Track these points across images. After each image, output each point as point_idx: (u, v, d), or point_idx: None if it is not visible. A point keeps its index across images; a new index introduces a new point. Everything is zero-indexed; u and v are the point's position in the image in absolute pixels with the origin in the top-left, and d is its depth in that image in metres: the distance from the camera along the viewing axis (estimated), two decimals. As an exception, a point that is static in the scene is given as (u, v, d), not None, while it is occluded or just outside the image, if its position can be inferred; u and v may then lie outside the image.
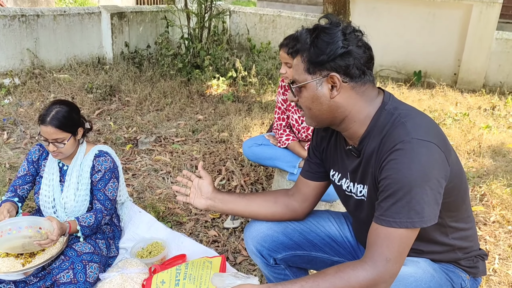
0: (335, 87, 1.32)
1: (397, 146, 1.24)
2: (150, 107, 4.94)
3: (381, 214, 1.26)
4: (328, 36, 1.30)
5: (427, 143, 1.23)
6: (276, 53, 7.00)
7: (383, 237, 1.24)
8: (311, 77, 1.34)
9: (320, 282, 1.25)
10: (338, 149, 1.52)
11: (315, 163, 1.65)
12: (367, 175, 1.38)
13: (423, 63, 6.50)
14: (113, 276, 2.13)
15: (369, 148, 1.35)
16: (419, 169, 1.21)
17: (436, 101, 5.48)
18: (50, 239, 2.05)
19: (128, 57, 6.42)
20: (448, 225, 1.39)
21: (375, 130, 1.34)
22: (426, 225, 1.24)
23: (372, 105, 1.36)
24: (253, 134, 4.22)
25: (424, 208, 1.22)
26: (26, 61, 5.65)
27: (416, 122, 1.29)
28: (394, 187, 1.23)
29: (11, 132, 4.19)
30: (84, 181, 2.32)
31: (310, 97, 1.36)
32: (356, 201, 1.47)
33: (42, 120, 2.18)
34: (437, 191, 1.24)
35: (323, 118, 1.39)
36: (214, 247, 2.62)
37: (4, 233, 2.03)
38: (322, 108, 1.36)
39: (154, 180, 3.38)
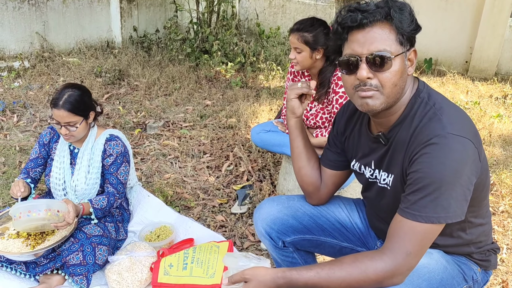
0: (411, 63, 1.29)
1: (432, 140, 1.21)
2: (159, 91, 4.94)
3: (407, 207, 1.24)
4: (410, 9, 1.25)
5: (463, 139, 1.20)
6: (285, 39, 6.94)
7: (407, 230, 1.22)
8: (402, 48, 1.25)
9: (336, 270, 1.24)
10: (362, 136, 1.49)
11: (334, 152, 1.63)
12: (394, 164, 1.35)
13: (434, 50, 6.41)
14: (122, 259, 2.15)
15: (399, 137, 1.32)
16: (452, 166, 1.18)
17: (446, 89, 5.42)
18: (66, 222, 2.08)
19: (137, 41, 6.40)
20: (468, 220, 1.37)
21: (408, 118, 1.31)
22: (452, 221, 1.22)
23: (410, 91, 1.33)
24: (261, 120, 4.21)
25: (451, 204, 1.20)
26: (36, 44, 5.65)
27: (451, 116, 1.25)
28: (424, 182, 1.20)
29: (21, 115, 4.21)
30: (95, 164, 2.34)
31: (399, 71, 1.25)
32: (378, 188, 1.45)
33: (54, 104, 2.19)
34: (467, 188, 1.22)
35: (398, 96, 1.30)
36: (222, 232, 2.64)
37: (23, 215, 2.06)
38: (403, 85, 1.28)
39: (162, 165, 3.39)
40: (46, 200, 2.15)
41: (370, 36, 1.24)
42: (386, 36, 1.23)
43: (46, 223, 2.08)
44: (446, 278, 1.35)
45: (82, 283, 2.11)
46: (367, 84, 1.26)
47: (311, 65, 2.42)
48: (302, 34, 2.34)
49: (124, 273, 2.09)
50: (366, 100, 1.28)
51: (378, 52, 1.22)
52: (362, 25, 1.24)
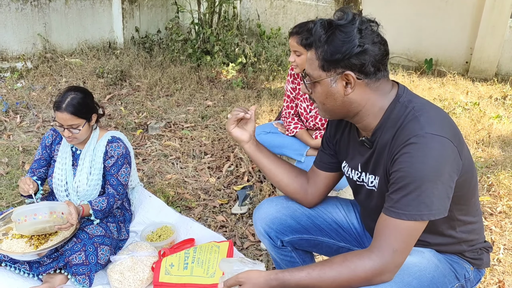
0: (350, 85, 1.33)
1: (411, 140, 1.26)
2: (160, 92, 4.98)
3: (391, 205, 1.28)
4: (344, 35, 1.29)
5: (441, 138, 1.25)
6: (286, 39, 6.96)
7: (391, 228, 1.27)
8: (326, 74, 1.34)
9: (327, 270, 1.28)
10: (351, 140, 1.54)
11: (328, 154, 1.67)
12: (379, 166, 1.40)
13: (434, 51, 6.43)
14: (124, 259, 2.19)
15: (382, 140, 1.37)
16: (432, 164, 1.23)
17: (446, 90, 5.44)
18: (69, 223, 2.12)
19: (139, 42, 6.44)
20: (456, 218, 1.41)
21: (389, 122, 1.36)
22: (435, 218, 1.26)
23: (386, 98, 1.38)
24: (262, 121, 4.24)
25: (434, 201, 1.24)
26: (38, 45, 5.69)
27: (430, 116, 1.30)
28: (405, 180, 1.25)
29: (24, 116, 4.25)
30: (97, 165, 2.38)
31: (324, 93, 1.37)
32: (366, 191, 1.50)
33: (57, 107, 2.23)
34: (448, 185, 1.26)
35: (337, 112, 1.41)
36: (222, 232, 2.67)
37: (29, 218, 2.10)
38: (336, 104, 1.38)
39: (164, 165, 3.43)
40: (48, 203, 2.19)
41: (308, 58, 1.40)
42: (312, 61, 1.37)
43: (50, 226, 2.12)
44: (437, 277, 1.38)
45: (84, 283, 2.15)
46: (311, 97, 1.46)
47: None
48: (301, 37, 2.37)
49: (126, 272, 2.13)
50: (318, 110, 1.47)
51: (304, 73, 1.41)
52: (309, 45, 1.39)
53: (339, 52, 1.29)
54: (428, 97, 5.12)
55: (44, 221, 2.11)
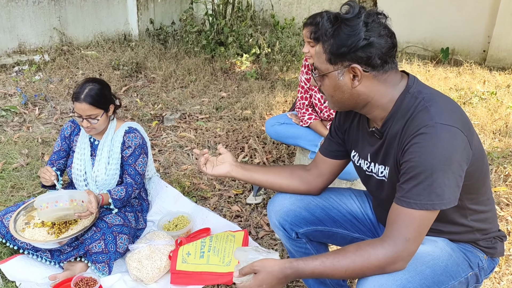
0: (356, 77, 1.35)
1: (421, 130, 1.27)
2: (175, 84, 5.02)
3: (402, 195, 1.29)
4: (349, 28, 1.30)
5: (451, 128, 1.26)
6: (300, 30, 6.94)
7: (403, 217, 1.28)
8: (333, 67, 1.36)
9: (341, 259, 1.30)
10: (360, 130, 1.56)
11: (336, 142, 1.68)
12: (389, 157, 1.41)
13: (451, 39, 6.34)
14: (142, 247, 2.24)
15: (392, 131, 1.38)
16: (442, 153, 1.23)
17: (463, 79, 5.38)
18: (89, 212, 2.18)
19: (153, 33, 6.48)
20: (467, 207, 1.41)
21: (399, 113, 1.37)
22: (446, 207, 1.27)
23: (396, 89, 1.38)
24: (275, 112, 4.26)
25: (445, 191, 1.25)
26: (55, 38, 5.77)
27: (440, 106, 1.31)
28: (416, 170, 1.26)
29: (42, 108, 4.34)
30: (115, 156, 2.43)
31: (332, 86, 1.40)
32: (377, 181, 1.51)
33: (76, 97, 2.28)
34: (458, 174, 1.27)
35: (345, 104, 1.43)
36: (237, 221, 2.71)
37: (50, 205, 2.16)
38: (344, 96, 1.40)
39: (179, 156, 3.48)
40: (69, 191, 2.25)
41: (316, 51, 1.42)
42: (321, 54, 1.39)
43: (70, 213, 2.18)
44: (450, 265, 1.39)
45: (104, 270, 2.21)
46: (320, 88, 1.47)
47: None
48: (315, 28, 2.37)
49: (144, 260, 2.18)
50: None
51: (313, 66, 1.43)
52: (317, 39, 1.43)
53: (344, 45, 1.31)
54: (444, 86, 5.07)
55: (65, 208, 2.16)
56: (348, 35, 1.31)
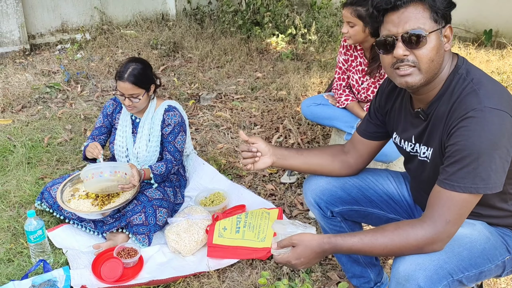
0: (448, 39, 1.34)
1: (469, 113, 1.26)
2: (211, 64, 5.07)
3: (445, 178, 1.29)
4: None
5: (499, 112, 1.24)
6: (337, 10, 6.82)
7: (446, 199, 1.28)
8: (436, 26, 1.32)
9: (379, 237, 1.32)
10: (403, 111, 1.55)
11: (374, 124, 1.68)
12: (433, 138, 1.40)
13: (495, 21, 6.09)
14: (180, 221, 2.33)
15: (438, 112, 1.37)
16: (489, 138, 1.23)
17: (506, 63, 5.19)
18: (132, 184, 2.27)
19: (190, 13, 6.52)
20: (508, 192, 1.40)
21: (446, 94, 1.36)
22: (491, 192, 1.27)
23: (448, 67, 1.38)
24: (311, 93, 4.25)
25: (491, 175, 1.24)
26: (96, 17, 5.91)
27: (488, 90, 1.29)
28: (462, 154, 1.25)
29: (84, 85, 4.48)
30: (155, 133, 2.51)
31: (435, 47, 1.31)
32: (418, 162, 1.51)
33: (120, 77, 2.36)
34: (506, 159, 1.26)
35: (435, 72, 1.36)
36: (271, 200, 2.76)
37: (96, 176, 2.27)
38: (440, 60, 1.35)
39: (215, 135, 3.55)
40: (113, 163, 2.35)
41: (404, 16, 1.30)
42: (420, 15, 1.29)
43: (114, 184, 2.28)
44: (488, 249, 1.39)
45: (144, 241, 2.31)
46: (404, 60, 1.32)
47: (364, 39, 2.44)
48: (355, 8, 2.36)
49: (182, 233, 2.26)
50: (405, 78, 1.35)
51: (413, 30, 1.29)
52: (396, 7, 1.31)
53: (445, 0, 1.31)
54: (485, 70, 4.90)
55: (109, 180, 2.26)
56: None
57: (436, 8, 1.30)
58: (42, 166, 3.06)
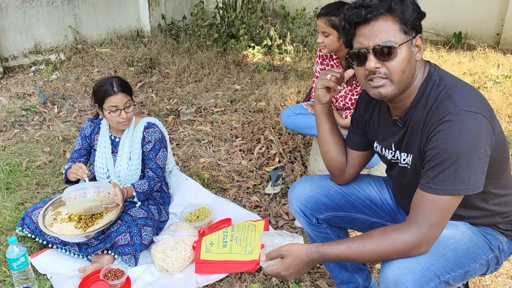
0: (419, 49, 1.38)
1: (446, 117, 1.29)
2: (189, 78, 5.07)
3: (427, 181, 1.32)
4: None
5: (475, 114, 1.28)
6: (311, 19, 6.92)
7: (428, 203, 1.31)
8: (406, 37, 1.34)
9: (366, 244, 1.34)
10: (381, 120, 1.58)
11: (358, 134, 1.72)
12: (412, 145, 1.44)
13: (463, 24, 6.27)
14: (166, 239, 2.31)
15: (415, 119, 1.41)
16: (467, 140, 1.26)
17: (476, 64, 5.33)
18: (115, 203, 2.24)
19: (165, 29, 6.53)
20: (489, 191, 1.44)
21: (422, 101, 1.39)
22: (472, 193, 1.29)
23: (421, 75, 1.42)
24: (289, 102, 4.29)
25: (471, 176, 1.27)
26: (70, 37, 5.86)
27: (462, 94, 1.33)
28: (442, 157, 1.28)
29: (61, 106, 4.43)
30: (136, 151, 2.50)
31: (406, 58, 1.34)
32: (399, 168, 1.54)
33: (109, 93, 2.35)
34: (484, 160, 1.29)
35: (408, 82, 1.39)
36: (257, 211, 2.76)
37: (79, 197, 2.23)
38: (411, 70, 1.37)
39: (197, 149, 3.54)
40: (96, 183, 2.32)
41: (375, 29, 1.34)
42: (390, 27, 1.32)
43: (97, 205, 2.25)
44: (472, 248, 1.42)
45: (130, 262, 2.28)
46: (376, 73, 1.36)
47: (339, 48, 2.48)
48: (329, 18, 2.40)
49: (168, 251, 2.24)
50: (378, 89, 1.38)
51: (384, 43, 1.32)
52: (367, 20, 1.34)
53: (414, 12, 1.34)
54: (457, 71, 5.04)
55: (92, 200, 2.23)
56: (412, 3, 1.33)
57: (406, 20, 1.33)
58: (22, 191, 3.00)
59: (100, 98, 2.38)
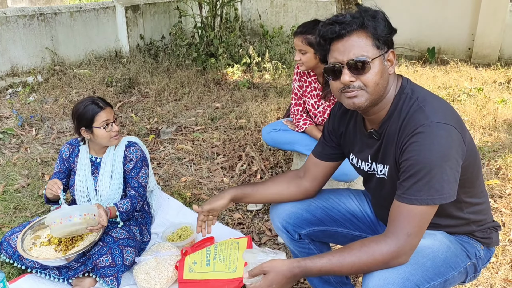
0: (391, 63, 1.43)
1: (418, 129, 1.34)
2: (169, 97, 5.08)
3: (402, 192, 1.36)
4: (382, 14, 1.40)
5: (446, 126, 1.33)
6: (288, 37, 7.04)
7: (405, 213, 1.34)
8: (379, 52, 1.39)
9: (347, 256, 1.36)
10: (357, 133, 1.62)
11: (330, 146, 1.75)
12: (388, 156, 1.48)
13: (436, 39, 6.48)
14: (148, 259, 2.28)
15: (389, 131, 1.45)
16: (439, 150, 1.30)
17: (450, 78, 5.49)
18: (101, 225, 2.22)
19: (144, 49, 6.55)
20: (463, 200, 1.48)
21: (395, 113, 1.44)
22: (446, 202, 1.33)
23: (394, 88, 1.47)
24: (270, 119, 4.33)
25: (444, 186, 1.31)
26: (47, 58, 5.82)
27: (433, 106, 1.38)
28: (415, 168, 1.32)
29: (39, 128, 4.37)
30: (118, 170, 2.49)
31: (380, 72, 1.39)
32: (377, 180, 1.57)
33: (96, 110, 2.37)
34: (456, 169, 1.34)
35: (381, 95, 1.43)
36: (240, 228, 2.76)
37: (65, 220, 2.19)
38: (385, 83, 1.42)
39: (178, 168, 3.53)
40: (80, 206, 2.30)
41: (348, 45, 1.39)
42: (363, 42, 1.38)
43: (82, 227, 2.22)
44: (450, 257, 1.46)
45: (112, 284, 2.25)
46: (350, 86, 1.41)
47: (316, 65, 2.54)
48: (305, 36, 2.46)
49: (151, 272, 2.22)
50: (352, 99, 1.43)
51: (357, 57, 1.37)
52: (341, 36, 1.39)
53: (386, 28, 1.39)
54: (432, 85, 5.17)
55: (78, 223, 2.20)
56: (384, 19, 1.39)
57: (378, 36, 1.38)
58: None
59: (89, 118, 2.37)
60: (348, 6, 3.78)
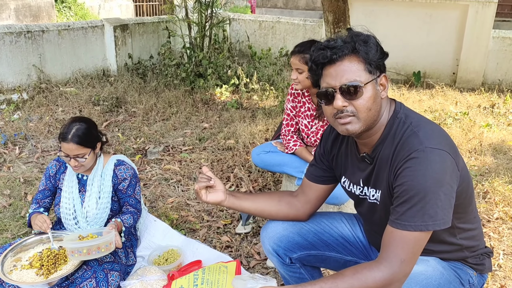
0: (384, 87, 1.43)
1: (412, 154, 1.33)
2: (157, 117, 5.04)
3: (396, 218, 1.34)
4: (374, 39, 1.40)
5: (440, 151, 1.32)
6: (276, 59, 7.11)
7: (398, 239, 1.33)
8: (371, 76, 1.39)
9: (339, 283, 1.33)
10: (349, 156, 1.61)
11: (321, 168, 1.73)
12: (380, 181, 1.46)
13: (422, 63, 6.60)
14: (134, 284, 2.22)
15: (382, 155, 1.44)
16: (433, 176, 1.30)
17: (436, 101, 5.58)
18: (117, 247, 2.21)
19: (132, 68, 6.53)
20: (456, 226, 1.47)
21: (389, 138, 1.43)
22: (440, 228, 1.32)
23: (387, 112, 1.47)
24: (258, 140, 4.31)
25: (438, 212, 1.30)
26: (33, 76, 5.76)
27: (427, 131, 1.38)
28: (409, 193, 1.31)
29: (22, 147, 4.29)
30: (106, 189, 2.44)
31: (372, 96, 1.39)
32: (369, 204, 1.56)
33: (63, 138, 2.29)
34: (450, 195, 1.33)
35: (374, 119, 1.43)
36: (228, 252, 2.71)
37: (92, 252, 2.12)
38: (377, 108, 1.42)
39: (165, 189, 3.48)
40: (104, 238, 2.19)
41: (340, 70, 1.39)
42: (355, 67, 1.38)
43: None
44: (443, 284, 1.44)
45: (96, 309, 2.17)
46: (344, 111, 1.40)
47: (311, 85, 2.55)
48: (303, 55, 2.48)
49: (137, 297, 2.15)
50: (345, 126, 1.42)
51: (350, 82, 1.37)
52: (333, 60, 1.39)
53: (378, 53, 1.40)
54: (419, 109, 5.24)
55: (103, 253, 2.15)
56: (376, 44, 1.39)
57: (370, 60, 1.39)
58: (-22, 237, 2.84)
59: (58, 138, 2.35)
60: (337, 29, 3.83)
